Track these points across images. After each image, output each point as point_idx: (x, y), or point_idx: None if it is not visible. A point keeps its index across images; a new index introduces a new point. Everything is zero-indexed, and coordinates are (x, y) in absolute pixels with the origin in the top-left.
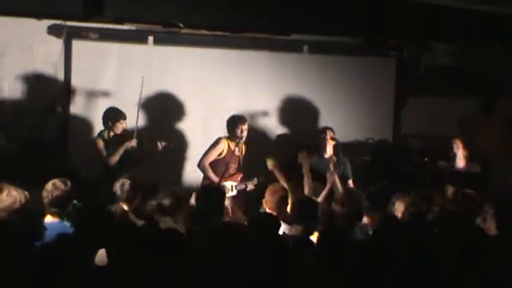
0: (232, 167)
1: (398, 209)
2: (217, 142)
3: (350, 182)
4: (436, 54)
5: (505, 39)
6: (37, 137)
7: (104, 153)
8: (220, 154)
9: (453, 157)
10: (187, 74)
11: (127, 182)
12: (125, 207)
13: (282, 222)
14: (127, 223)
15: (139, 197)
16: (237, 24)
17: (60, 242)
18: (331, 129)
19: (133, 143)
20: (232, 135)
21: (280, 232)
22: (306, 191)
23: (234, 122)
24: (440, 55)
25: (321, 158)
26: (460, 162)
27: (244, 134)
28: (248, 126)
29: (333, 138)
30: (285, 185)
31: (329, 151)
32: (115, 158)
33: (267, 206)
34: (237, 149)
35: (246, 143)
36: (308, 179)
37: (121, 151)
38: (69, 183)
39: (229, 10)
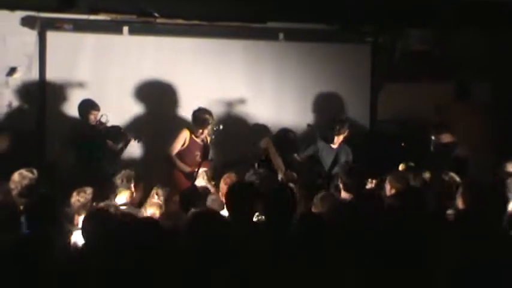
0: (198, 155)
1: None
2: (179, 133)
3: None
4: (411, 40)
5: (478, 23)
6: (13, 128)
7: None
8: (183, 144)
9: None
10: (163, 63)
11: (131, 173)
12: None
13: None
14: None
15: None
16: (212, 13)
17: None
18: (346, 122)
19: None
20: (197, 125)
21: None
22: (280, 175)
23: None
24: (415, 41)
25: (327, 146)
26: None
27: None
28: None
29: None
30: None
31: (336, 142)
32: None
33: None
34: (200, 138)
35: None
36: (276, 160)
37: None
38: (35, 171)
39: None
